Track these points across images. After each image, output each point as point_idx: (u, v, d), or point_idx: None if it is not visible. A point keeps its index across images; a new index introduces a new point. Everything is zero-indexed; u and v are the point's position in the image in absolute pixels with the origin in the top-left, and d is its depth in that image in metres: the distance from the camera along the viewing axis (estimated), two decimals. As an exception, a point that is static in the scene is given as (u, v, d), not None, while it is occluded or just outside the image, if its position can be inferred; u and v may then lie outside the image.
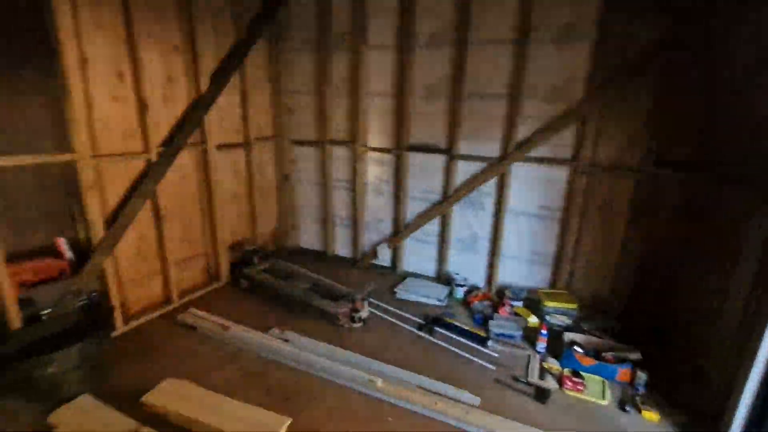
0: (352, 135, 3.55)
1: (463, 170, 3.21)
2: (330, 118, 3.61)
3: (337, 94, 3.55)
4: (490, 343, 2.57)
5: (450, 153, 3.18)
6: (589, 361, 2.30)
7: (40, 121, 3.64)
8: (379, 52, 3.29)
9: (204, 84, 2.90)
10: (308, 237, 4.14)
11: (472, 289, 3.28)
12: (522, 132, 2.93)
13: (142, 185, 2.56)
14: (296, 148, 3.89)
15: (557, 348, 2.49)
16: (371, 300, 3.00)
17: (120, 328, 2.58)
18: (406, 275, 3.59)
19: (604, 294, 2.93)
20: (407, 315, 2.94)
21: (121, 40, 2.39)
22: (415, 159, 3.38)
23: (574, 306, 2.80)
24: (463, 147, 3.16)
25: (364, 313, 2.75)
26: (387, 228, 3.67)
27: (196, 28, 2.77)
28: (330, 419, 1.97)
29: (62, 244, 3.56)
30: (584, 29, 2.62)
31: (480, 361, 2.43)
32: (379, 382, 2.14)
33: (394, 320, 2.87)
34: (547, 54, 2.74)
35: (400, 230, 3.55)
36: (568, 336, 2.51)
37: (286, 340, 2.57)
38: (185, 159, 2.90)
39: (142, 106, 2.53)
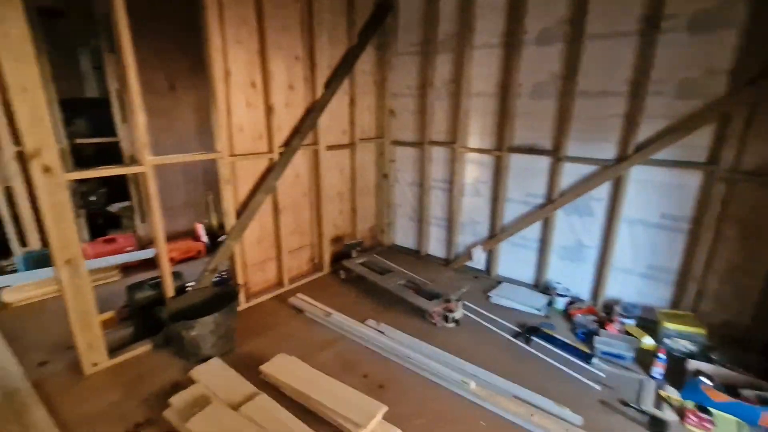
0: (452, 136, 3.56)
1: (571, 173, 3.00)
2: (431, 119, 3.67)
3: (439, 95, 3.60)
4: (594, 360, 2.39)
5: (556, 154, 3.01)
6: (721, 397, 2.00)
7: (188, 127, 4.34)
8: (483, 52, 3.25)
9: (319, 90, 3.18)
10: (403, 235, 4.26)
11: (574, 301, 3.07)
12: (644, 132, 2.64)
13: (266, 181, 2.91)
14: (397, 148, 4.04)
15: (678, 376, 2.21)
16: (465, 302, 2.99)
17: (243, 304, 2.97)
18: (501, 280, 3.49)
19: (742, 322, 2.50)
20: (501, 321, 2.87)
21: (255, 53, 2.75)
22: (516, 160, 3.26)
23: (701, 331, 2.45)
24: (571, 148, 2.96)
25: (457, 314, 2.76)
26: (483, 230, 3.60)
27: (315, 40, 3.05)
28: (421, 413, 2.03)
29: (200, 229, 4.22)
30: (730, 13, 2.26)
31: (582, 379, 2.27)
32: (473, 385, 2.14)
33: (487, 324, 2.82)
34: (680, 44, 2.42)
35: (496, 233, 3.46)
36: (694, 365, 2.20)
37: (381, 332, 2.70)
38: (300, 159, 3.22)
39: (269, 111, 2.87)
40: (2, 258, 3.61)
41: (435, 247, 4.01)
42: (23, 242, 3.58)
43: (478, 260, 3.64)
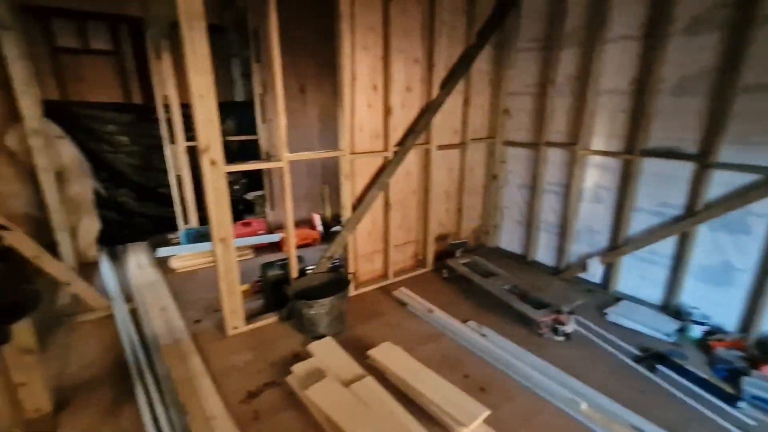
0: (573, 137, 3.32)
1: (721, 182, 2.58)
2: (549, 119, 3.48)
3: (561, 93, 3.38)
4: (742, 405, 2.04)
5: (703, 160, 2.61)
6: None
7: (313, 125, 4.77)
8: (617, 45, 2.95)
9: (435, 91, 3.25)
10: (508, 238, 4.12)
11: (714, 331, 2.64)
12: (836, 137, 2.14)
13: (380, 178, 3.09)
14: (508, 149, 3.91)
15: None
16: (577, 315, 2.79)
17: (352, 291, 3.21)
18: (621, 297, 3.16)
19: None
20: (619, 341, 2.61)
21: (378, 58, 2.93)
22: (649, 165, 2.91)
23: None
24: (725, 153, 2.54)
25: (568, 328, 2.59)
26: (602, 240, 3.30)
27: (434, 42, 3.12)
28: (526, 425, 1.97)
29: (316, 218, 4.64)
30: None
31: (723, 423, 1.96)
32: (584, 405, 2.01)
33: (601, 343, 2.60)
34: None
35: (619, 245, 3.14)
36: None
37: (483, 335, 2.68)
38: (411, 158, 3.33)
39: (387, 112, 3.04)
40: (170, 232, 4.48)
41: (543, 253, 3.80)
42: (186, 220, 4.39)
43: (594, 273, 3.34)
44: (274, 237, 4.15)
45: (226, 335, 2.67)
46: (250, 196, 4.99)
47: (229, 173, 2.42)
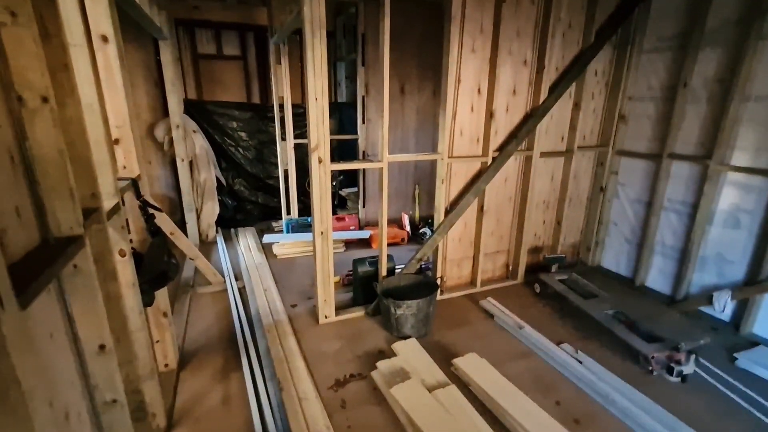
0: (706, 149, 2.88)
1: None
2: (675, 127, 3.06)
3: (694, 99, 2.95)
4: None
5: None
6: None
7: (410, 126, 4.81)
8: (780, 43, 2.48)
9: (542, 95, 3.06)
10: (613, 257, 3.74)
11: None
12: None
13: (476, 184, 3.02)
14: (622, 159, 3.54)
15: None
16: (698, 356, 2.42)
17: (438, 296, 3.20)
18: (758, 341, 2.66)
19: None
20: (753, 394, 2.21)
21: (485, 60, 2.85)
22: (815, 189, 2.40)
23: None
24: None
25: (687, 369, 2.26)
26: (736, 272, 2.81)
27: (546, 43, 2.94)
28: (627, 468, 1.78)
29: (405, 218, 4.70)
30: None
31: None
32: (703, 461, 1.74)
33: (729, 393, 2.22)
34: None
35: (759, 279, 2.65)
36: None
37: (579, 361, 2.47)
38: (511, 164, 3.19)
39: (489, 116, 2.95)
40: (274, 220, 4.94)
41: (655, 279, 3.37)
42: (288, 210, 4.79)
43: (722, 309, 2.86)
44: (364, 233, 4.31)
45: (318, 322, 2.85)
46: (345, 192, 5.25)
47: (332, 171, 2.56)
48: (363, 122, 4.45)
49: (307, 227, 4.36)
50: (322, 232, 2.65)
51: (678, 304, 3.11)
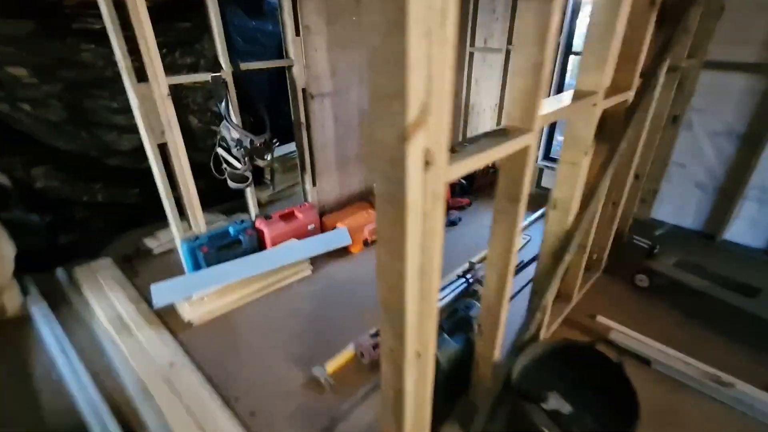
0: None
1: None
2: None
3: None
4: None
5: None
6: None
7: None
8: None
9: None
10: (673, 208, 2.91)
11: None
12: None
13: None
14: (703, 75, 2.50)
15: None
16: None
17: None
18: None
19: None
20: None
21: None
22: None
23: None
24: None
25: None
26: None
27: None
28: None
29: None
30: None
31: None
32: None
33: None
34: None
35: None
36: None
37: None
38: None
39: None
40: (149, 231, 2.65)
41: (743, 231, 2.66)
42: (181, 212, 2.57)
43: None
44: (342, 237, 2.53)
45: None
46: (262, 162, 3.18)
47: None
48: (297, 33, 2.37)
49: (235, 244, 2.37)
50: (419, 354, 0.94)
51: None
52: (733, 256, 2.48)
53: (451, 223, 2.96)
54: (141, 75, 1.94)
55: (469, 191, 3.48)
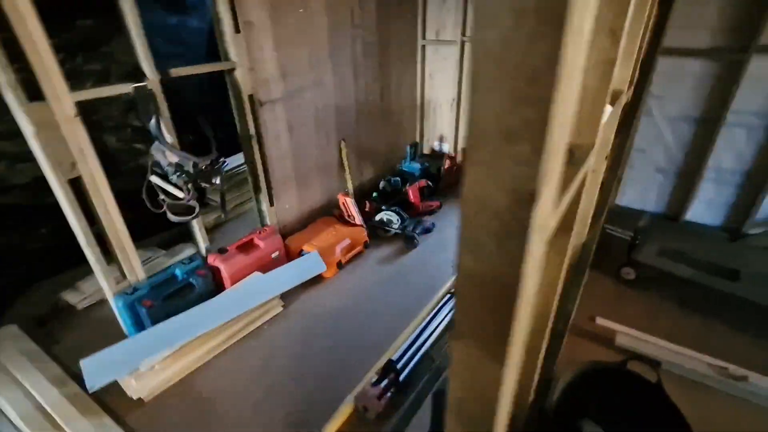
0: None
1: None
2: None
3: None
4: None
5: None
6: None
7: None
8: None
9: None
10: (635, 192, 2.96)
11: None
12: None
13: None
14: (660, 62, 2.53)
15: None
16: None
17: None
18: None
19: None
20: None
21: None
22: None
23: None
24: None
25: None
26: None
27: None
28: None
29: (350, 203, 2.73)
30: None
31: None
32: None
33: None
34: None
35: None
36: None
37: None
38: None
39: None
40: (65, 284, 2.11)
41: (702, 212, 2.76)
42: (107, 256, 2.06)
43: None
44: (316, 264, 2.20)
45: None
46: (210, 185, 2.71)
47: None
48: (237, 30, 1.98)
49: (185, 290, 1.95)
50: None
51: (746, 237, 2.59)
52: (702, 238, 2.54)
53: (425, 231, 2.75)
54: (33, 90, 1.46)
55: (435, 191, 3.30)
